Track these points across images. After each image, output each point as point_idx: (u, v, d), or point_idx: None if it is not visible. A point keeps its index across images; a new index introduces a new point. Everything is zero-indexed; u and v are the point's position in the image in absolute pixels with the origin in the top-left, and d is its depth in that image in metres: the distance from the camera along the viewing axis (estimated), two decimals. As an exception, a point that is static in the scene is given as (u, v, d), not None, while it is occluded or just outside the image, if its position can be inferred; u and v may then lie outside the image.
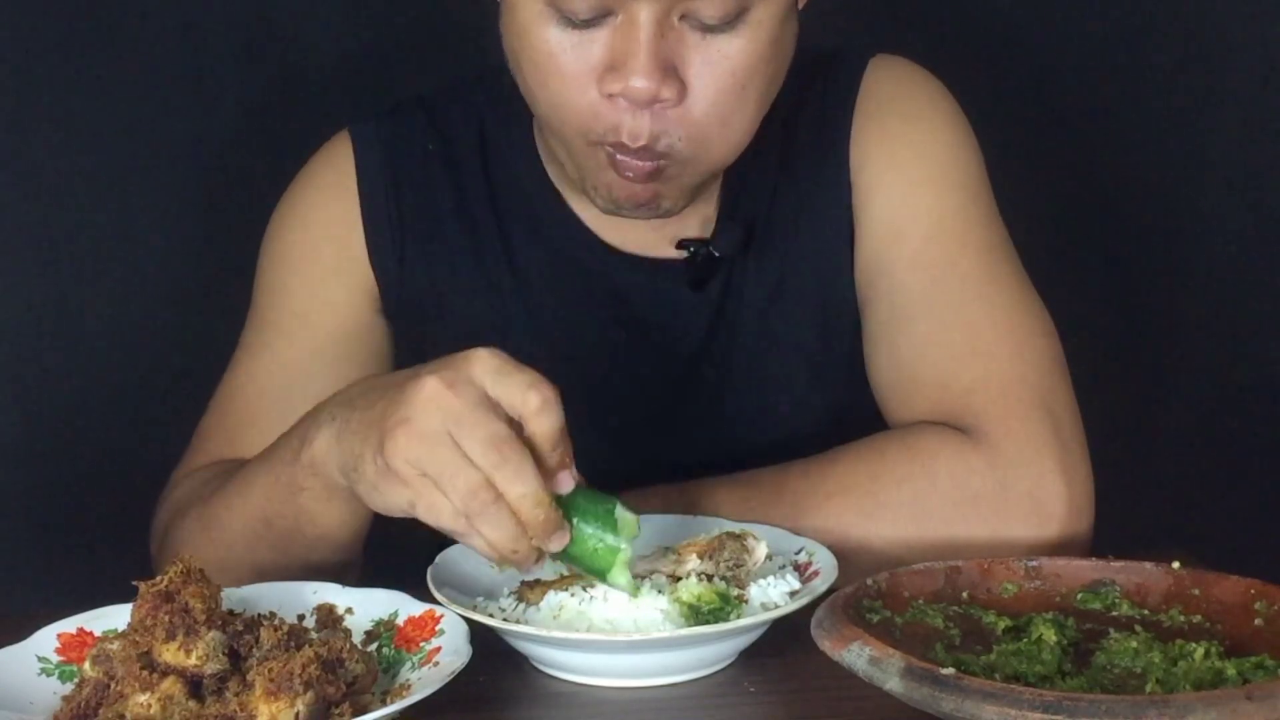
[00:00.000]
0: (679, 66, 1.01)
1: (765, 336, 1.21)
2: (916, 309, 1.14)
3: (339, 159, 1.23)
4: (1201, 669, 0.83)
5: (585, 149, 1.06)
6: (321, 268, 1.22)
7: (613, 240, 1.20)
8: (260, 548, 1.05)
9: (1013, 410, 1.08)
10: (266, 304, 1.23)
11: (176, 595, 0.85)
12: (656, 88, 1.00)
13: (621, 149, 1.04)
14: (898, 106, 1.20)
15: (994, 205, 1.19)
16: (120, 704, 0.82)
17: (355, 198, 1.22)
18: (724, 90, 1.03)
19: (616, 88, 1.01)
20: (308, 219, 1.23)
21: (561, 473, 0.90)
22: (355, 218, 1.22)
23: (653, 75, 0.99)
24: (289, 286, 1.22)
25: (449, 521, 0.89)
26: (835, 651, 0.82)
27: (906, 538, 1.06)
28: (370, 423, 0.91)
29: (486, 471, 0.87)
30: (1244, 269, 1.84)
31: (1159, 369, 1.87)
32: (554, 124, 1.07)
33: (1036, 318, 1.14)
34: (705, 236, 1.19)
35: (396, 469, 0.88)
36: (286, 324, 1.21)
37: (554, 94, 1.04)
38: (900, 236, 1.16)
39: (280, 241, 1.24)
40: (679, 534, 1.03)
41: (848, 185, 1.19)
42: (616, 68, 1.00)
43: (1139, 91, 1.79)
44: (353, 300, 1.21)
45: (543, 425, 0.88)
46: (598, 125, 1.03)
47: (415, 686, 0.84)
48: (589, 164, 1.08)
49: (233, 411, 1.20)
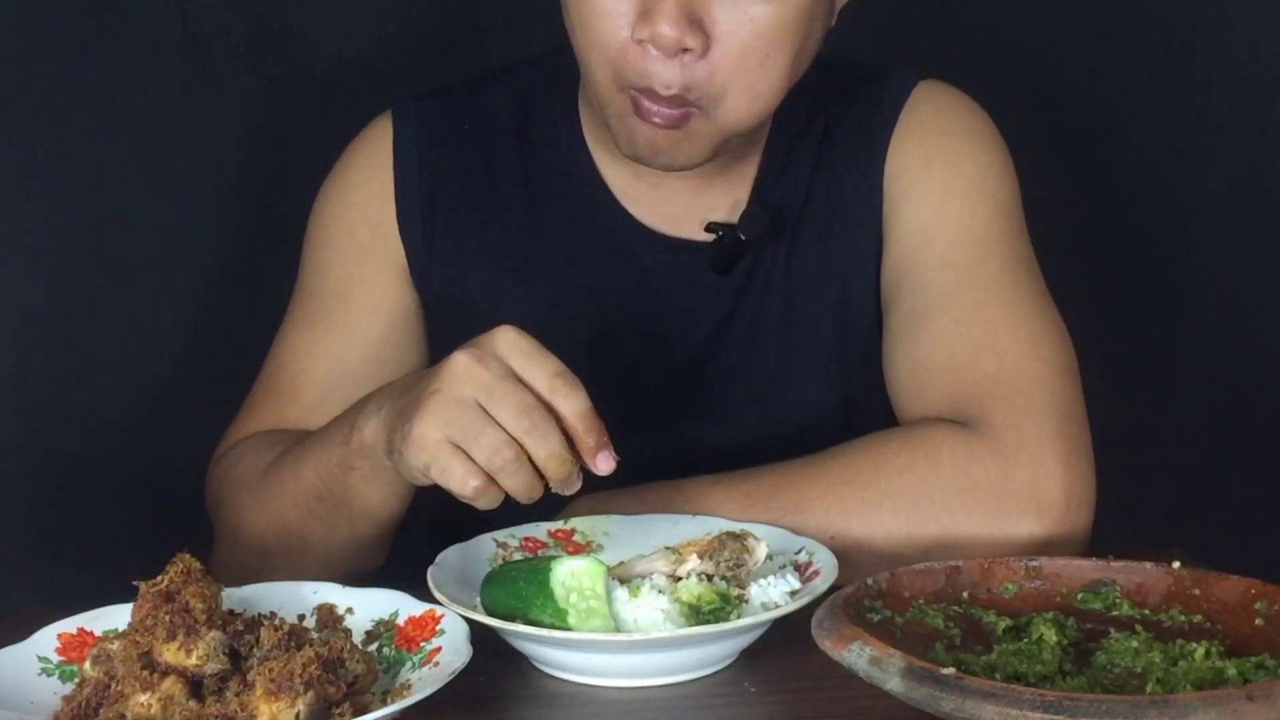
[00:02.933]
0: (705, 21, 1.06)
1: (785, 328, 1.23)
2: (938, 306, 1.16)
3: (378, 138, 1.27)
4: (1202, 669, 0.83)
5: (613, 93, 1.11)
6: (358, 248, 1.25)
7: (643, 217, 1.23)
8: (310, 520, 1.11)
9: (1021, 406, 1.09)
10: (309, 282, 1.27)
11: (177, 595, 0.85)
12: (680, 36, 1.04)
13: (651, 95, 1.08)
14: (939, 124, 1.24)
15: (1024, 227, 1.23)
16: (121, 704, 0.82)
17: (390, 175, 1.25)
18: (748, 51, 1.07)
19: (645, 33, 1.06)
20: (346, 199, 1.27)
21: (601, 453, 0.95)
22: (389, 195, 1.25)
23: (678, 24, 1.04)
24: (328, 265, 1.26)
25: (459, 483, 0.93)
26: (835, 651, 0.82)
27: (908, 528, 1.07)
28: (408, 402, 0.97)
29: (518, 436, 0.92)
30: (1244, 269, 1.84)
31: (1159, 369, 1.87)
32: (589, 64, 1.12)
33: (1055, 327, 1.16)
34: (733, 221, 1.21)
35: (420, 434, 0.94)
36: (326, 302, 1.25)
37: (591, 32, 1.09)
38: (928, 241, 1.19)
39: (320, 221, 1.28)
40: (679, 534, 1.03)
41: (880, 192, 1.22)
42: (647, 13, 1.05)
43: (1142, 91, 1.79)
44: (387, 279, 1.25)
45: (573, 405, 0.94)
46: (626, 69, 1.08)
47: (415, 686, 0.84)
48: (614, 108, 1.12)
49: (276, 386, 1.25)
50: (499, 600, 0.94)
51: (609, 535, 1.09)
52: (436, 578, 0.96)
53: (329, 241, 1.27)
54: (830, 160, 1.24)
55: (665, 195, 1.22)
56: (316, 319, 1.25)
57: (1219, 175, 1.82)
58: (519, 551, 1.06)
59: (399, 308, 1.25)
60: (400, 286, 1.25)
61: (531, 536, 1.08)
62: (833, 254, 1.23)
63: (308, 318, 1.26)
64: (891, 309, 1.20)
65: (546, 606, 0.91)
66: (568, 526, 1.10)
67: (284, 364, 1.25)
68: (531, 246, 1.24)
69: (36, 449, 1.61)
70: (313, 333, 1.25)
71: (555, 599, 0.91)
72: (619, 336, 1.24)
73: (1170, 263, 1.84)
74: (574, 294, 1.24)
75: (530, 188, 1.25)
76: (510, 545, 1.07)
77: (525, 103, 1.27)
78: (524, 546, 1.07)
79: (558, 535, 1.09)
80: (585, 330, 1.23)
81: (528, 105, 1.27)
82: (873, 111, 1.25)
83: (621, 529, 1.09)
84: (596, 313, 1.24)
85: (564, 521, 1.10)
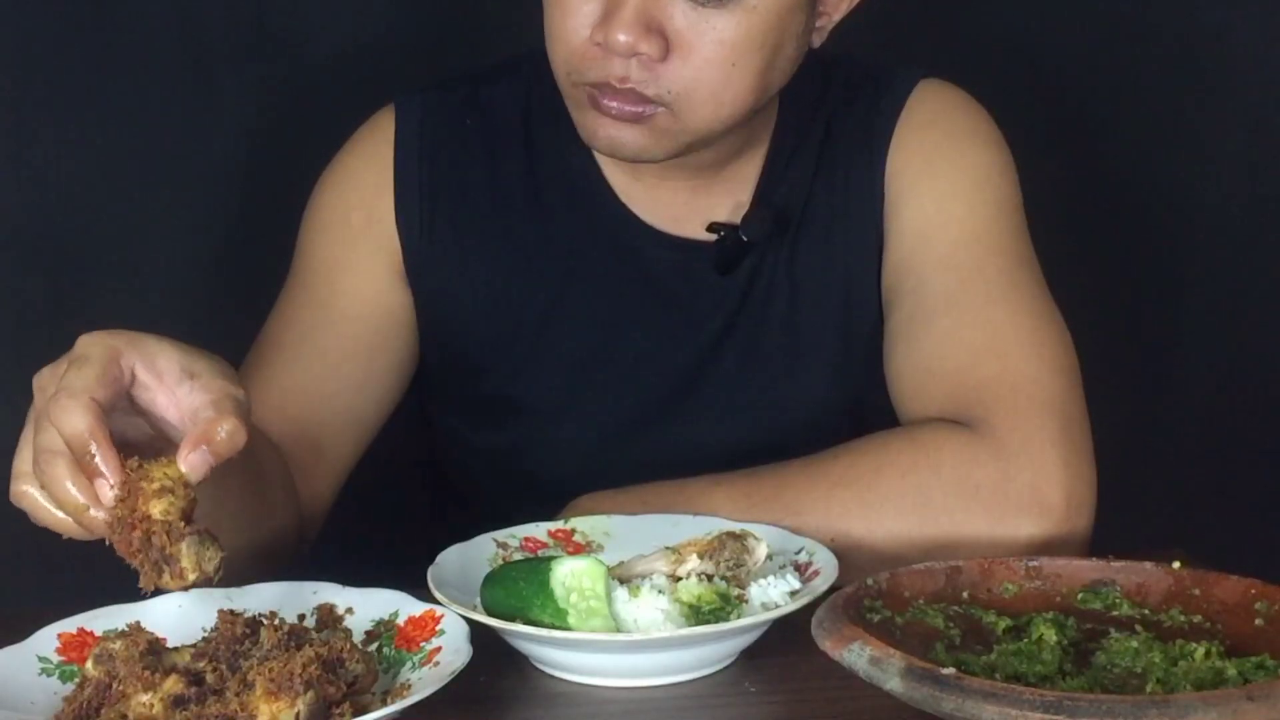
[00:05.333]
0: (666, 28, 1.07)
1: (788, 329, 1.23)
2: (939, 307, 1.16)
3: (381, 128, 1.27)
4: (1202, 669, 0.83)
5: (570, 88, 1.12)
6: (350, 232, 1.25)
7: (646, 216, 1.23)
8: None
9: (1022, 407, 1.09)
10: (299, 264, 1.27)
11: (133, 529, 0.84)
12: (635, 41, 1.06)
13: (606, 89, 1.09)
14: (940, 123, 1.24)
15: (1025, 227, 1.22)
16: (122, 704, 0.82)
17: (390, 165, 1.25)
18: (711, 61, 1.08)
19: (601, 36, 1.07)
20: (343, 184, 1.27)
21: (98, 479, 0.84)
22: (387, 184, 1.24)
23: (633, 30, 1.05)
24: (318, 247, 1.26)
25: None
26: (835, 651, 0.82)
27: (909, 530, 1.07)
28: None
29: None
30: (1244, 269, 1.84)
31: (1159, 369, 1.87)
32: (551, 56, 1.13)
33: (1056, 329, 1.16)
34: (736, 222, 1.21)
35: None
36: (310, 280, 1.25)
37: (554, 27, 1.11)
38: (929, 241, 1.19)
39: (316, 205, 1.27)
40: (679, 534, 1.03)
41: (881, 191, 1.23)
42: (606, 18, 1.07)
43: (1142, 91, 1.79)
44: (376, 268, 1.24)
45: (65, 426, 0.84)
46: (582, 67, 1.10)
47: (415, 686, 0.84)
48: (573, 101, 1.13)
49: (252, 360, 1.23)
50: (499, 600, 0.94)
51: (609, 535, 1.09)
52: (436, 578, 0.96)
53: (322, 224, 1.26)
54: (832, 160, 1.24)
55: (666, 194, 1.22)
56: (297, 295, 1.25)
57: (1219, 175, 1.82)
58: (519, 551, 1.06)
59: (385, 297, 1.24)
60: (389, 277, 1.24)
61: (531, 536, 1.08)
62: (835, 254, 1.23)
63: (289, 297, 1.25)
64: (893, 309, 1.20)
65: (546, 606, 0.91)
66: (568, 526, 1.10)
67: (259, 342, 1.24)
68: (534, 243, 1.24)
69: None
70: (291, 308, 1.24)
71: (555, 599, 0.91)
72: (622, 335, 1.24)
73: (1170, 263, 1.84)
74: (577, 291, 1.24)
75: (533, 184, 1.25)
76: (510, 545, 1.07)
77: (527, 99, 1.27)
78: (524, 546, 1.07)
79: (558, 535, 1.09)
80: (588, 328, 1.23)
81: (529, 102, 1.27)
82: (874, 111, 1.25)
83: (621, 529, 1.09)
84: (599, 311, 1.24)
85: (564, 521, 1.10)
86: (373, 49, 1.64)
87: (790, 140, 1.23)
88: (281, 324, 1.24)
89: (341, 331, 1.22)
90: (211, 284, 1.62)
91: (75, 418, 0.83)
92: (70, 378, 0.86)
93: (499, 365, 1.26)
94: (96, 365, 0.87)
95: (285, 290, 1.26)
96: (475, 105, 1.27)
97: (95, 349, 0.88)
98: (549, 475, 1.23)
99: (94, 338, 0.89)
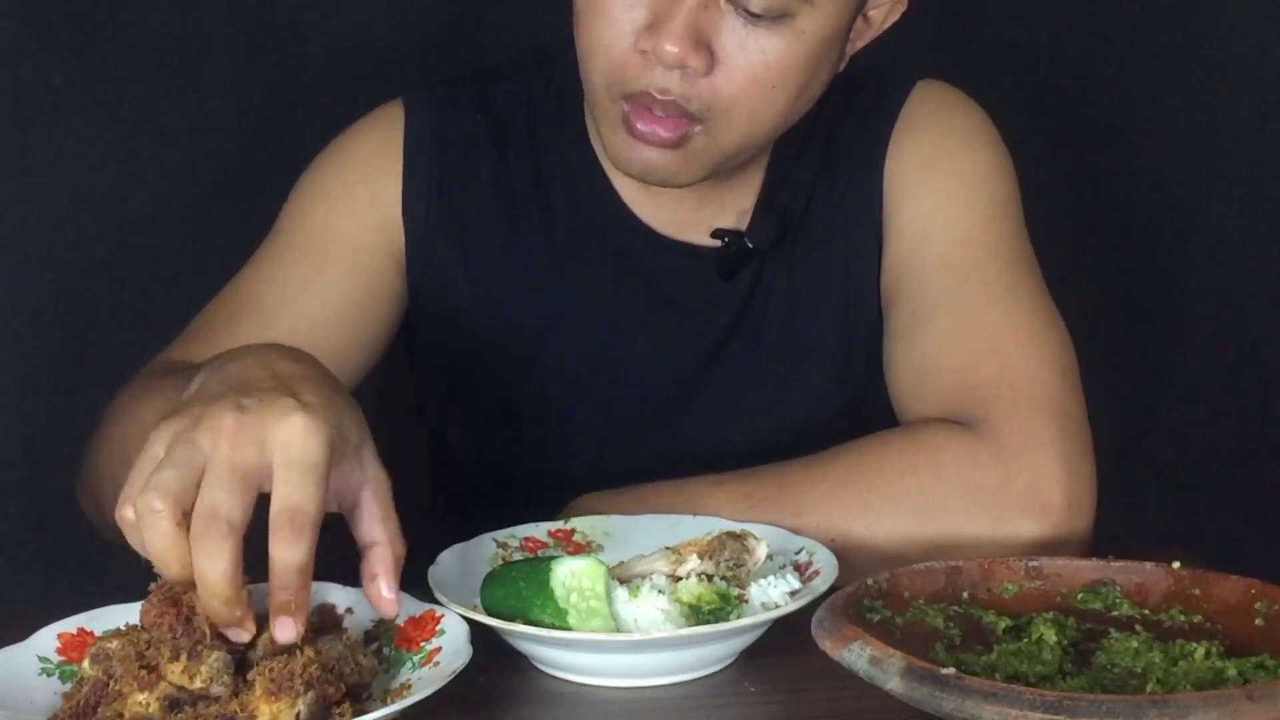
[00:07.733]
0: (714, 43, 1.05)
1: (790, 333, 1.24)
2: (938, 307, 1.17)
3: (389, 119, 1.26)
4: (1202, 669, 0.83)
5: (607, 102, 1.10)
6: (352, 203, 1.23)
7: (651, 222, 1.23)
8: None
9: (1022, 407, 1.09)
10: (287, 225, 1.24)
11: (182, 600, 0.83)
12: (684, 55, 1.04)
13: (644, 109, 1.07)
14: (938, 124, 1.24)
15: (1023, 228, 1.22)
16: (119, 703, 0.81)
17: (399, 154, 1.24)
18: (754, 80, 1.07)
19: (648, 45, 1.05)
20: (349, 158, 1.25)
21: (282, 618, 0.81)
22: (396, 171, 1.23)
23: (683, 42, 1.04)
24: (314, 213, 1.23)
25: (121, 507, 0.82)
26: (835, 651, 0.82)
27: (909, 530, 1.07)
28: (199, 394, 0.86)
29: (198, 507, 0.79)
30: (1244, 269, 1.85)
31: (1160, 369, 1.87)
32: (587, 69, 1.11)
33: (1056, 329, 1.16)
34: (740, 228, 1.22)
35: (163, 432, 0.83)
36: (301, 244, 1.22)
37: (594, 36, 1.09)
38: (928, 241, 1.20)
39: (316, 173, 1.25)
40: (679, 534, 1.03)
41: (880, 193, 1.23)
42: (654, 27, 1.05)
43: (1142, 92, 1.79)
44: (374, 246, 1.22)
45: (284, 552, 0.80)
46: (623, 77, 1.08)
47: (415, 686, 0.84)
48: (607, 118, 1.11)
49: (220, 313, 1.20)
50: (499, 600, 0.94)
51: (609, 535, 1.09)
52: (436, 578, 0.96)
53: (322, 190, 1.24)
54: (832, 163, 1.24)
55: (671, 201, 1.22)
56: (284, 256, 1.21)
57: (1219, 175, 1.82)
58: (519, 551, 1.06)
59: (376, 277, 1.22)
60: (385, 260, 1.23)
61: (531, 536, 1.08)
62: (836, 256, 1.23)
63: (272, 255, 1.22)
64: (892, 310, 1.21)
65: (546, 606, 0.91)
66: (568, 526, 1.10)
67: (230, 296, 1.20)
68: (540, 247, 1.24)
69: (36, 449, 1.61)
70: (276, 268, 1.21)
71: (555, 599, 0.91)
72: (625, 339, 1.24)
73: (1170, 263, 1.85)
74: (580, 295, 1.24)
75: (539, 187, 1.25)
76: (510, 545, 1.07)
77: (532, 101, 1.27)
78: (524, 546, 1.07)
79: (558, 535, 1.09)
80: (590, 332, 1.23)
81: (534, 103, 1.26)
82: (872, 112, 1.25)
83: (622, 529, 1.09)
84: (602, 315, 1.24)
85: (564, 521, 1.10)
86: (373, 49, 1.64)
87: (793, 145, 1.23)
88: (260, 281, 1.21)
89: (328, 299, 1.19)
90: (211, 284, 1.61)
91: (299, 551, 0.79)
92: (292, 492, 0.79)
93: (500, 368, 1.26)
94: (317, 493, 0.80)
95: (267, 248, 1.23)
96: (483, 104, 1.26)
97: (320, 454, 0.80)
98: (550, 478, 1.23)
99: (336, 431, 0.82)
